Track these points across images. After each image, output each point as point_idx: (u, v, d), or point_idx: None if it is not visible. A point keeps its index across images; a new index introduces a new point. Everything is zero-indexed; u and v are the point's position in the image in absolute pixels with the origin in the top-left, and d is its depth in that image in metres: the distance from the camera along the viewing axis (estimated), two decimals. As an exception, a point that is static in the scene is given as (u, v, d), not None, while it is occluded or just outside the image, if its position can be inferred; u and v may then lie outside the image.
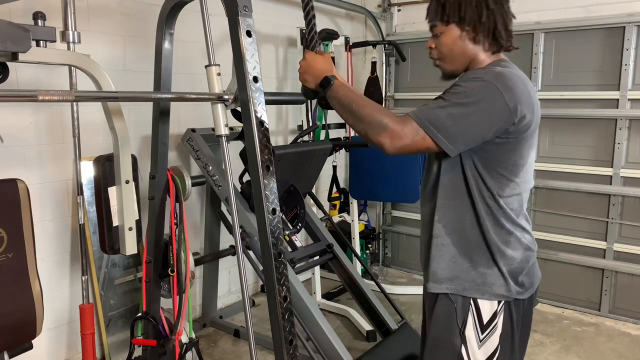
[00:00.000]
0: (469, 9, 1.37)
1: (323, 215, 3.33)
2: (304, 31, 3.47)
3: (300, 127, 3.81)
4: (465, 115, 1.28)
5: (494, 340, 1.42)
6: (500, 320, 1.42)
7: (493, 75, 1.31)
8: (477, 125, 1.29)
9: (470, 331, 1.41)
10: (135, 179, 2.03)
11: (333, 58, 3.64)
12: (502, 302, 1.42)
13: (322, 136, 3.67)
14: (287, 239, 2.73)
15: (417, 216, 4.02)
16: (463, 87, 1.31)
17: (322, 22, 3.97)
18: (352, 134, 3.88)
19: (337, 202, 4.05)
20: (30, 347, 1.88)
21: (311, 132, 3.45)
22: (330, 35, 3.53)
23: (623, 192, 3.28)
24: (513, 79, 1.32)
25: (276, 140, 3.83)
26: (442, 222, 1.45)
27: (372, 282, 3.18)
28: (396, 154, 1.32)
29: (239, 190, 2.73)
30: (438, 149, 1.30)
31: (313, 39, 1.59)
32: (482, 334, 1.41)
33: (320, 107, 3.53)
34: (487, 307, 1.41)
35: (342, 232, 3.30)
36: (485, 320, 1.41)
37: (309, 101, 3.57)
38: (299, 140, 3.17)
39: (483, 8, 1.37)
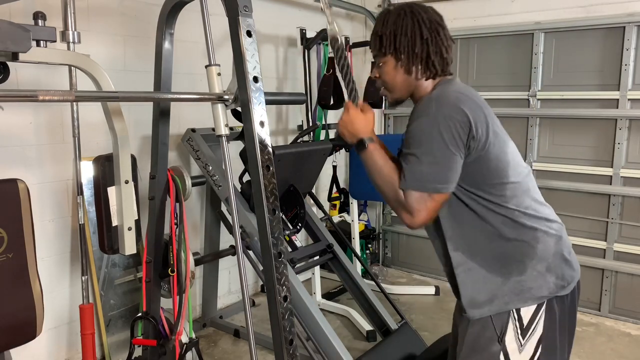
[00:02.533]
0: (403, 40, 1.42)
1: (323, 215, 3.33)
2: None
3: (300, 127, 3.81)
4: (441, 157, 1.31)
5: (533, 342, 1.40)
6: (541, 321, 1.39)
7: (434, 105, 1.33)
8: (455, 155, 1.33)
9: (511, 337, 1.39)
10: (135, 179, 2.03)
11: (333, 58, 3.65)
12: (544, 302, 1.40)
13: (322, 136, 3.67)
14: (287, 239, 2.73)
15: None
16: (418, 133, 1.34)
17: (322, 22, 3.97)
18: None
19: (337, 202, 4.05)
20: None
21: (311, 132, 3.45)
22: (330, 35, 3.52)
23: (623, 192, 3.28)
24: (453, 97, 1.35)
25: (276, 140, 3.83)
26: (460, 250, 1.44)
27: (372, 282, 3.18)
28: (421, 227, 1.38)
29: (239, 190, 2.73)
30: (448, 195, 1.36)
31: (352, 92, 1.65)
32: (523, 338, 1.39)
33: (320, 107, 3.54)
34: (529, 311, 1.39)
35: (342, 232, 3.29)
36: (526, 323, 1.39)
37: (309, 101, 3.58)
38: (299, 140, 3.17)
39: (417, 38, 1.42)
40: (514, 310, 1.39)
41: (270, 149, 1.44)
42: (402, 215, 1.37)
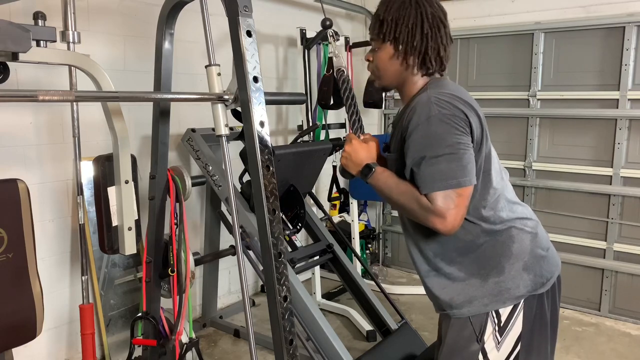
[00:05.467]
0: (403, 30, 1.40)
1: (323, 215, 3.33)
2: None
3: (300, 127, 3.81)
4: (455, 152, 1.28)
5: (512, 339, 1.40)
6: (519, 319, 1.40)
7: (435, 107, 1.31)
8: (468, 148, 1.31)
9: (489, 336, 1.40)
10: (135, 179, 2.03)
11: (332, 59, 3.64)
12: (521, 300, 1.40)
13: (322, 136, 3.67)
14: (287, 239, 2.73)
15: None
16: (426, 136, 1.30)
17: (322, 22, 3.98)
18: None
19: (337, 202, 4.05)
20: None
21: (311, 132, 3.45)
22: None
23: (623, 192, 3.28)
24: (450, 99, 1.33)
25: (276, 140, 3.83)
26: (438, 256, 1.45)
27: (372, 282, 3.17)
28: (457, 228, 1.30)
29: (239, 190, 2.73)
30: (472, 189, 1.32)
31: (355, 123, 1.65)
32: (500, 335, 1.40)
33: (320, 107, 3.54)
34: (507, 310, 1.40)
35: (342, 232, 3.29)
36: (503, 321, 1.40)
37: (309, 101, 3.57)
38: (299, 140, 3.17)
39: (417, 31, 1.39)
40: (493, 310, 1.40)
41: (270, 149, 1.44)
42: (434, 221, 1.28)
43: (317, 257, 2.98)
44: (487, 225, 1.39)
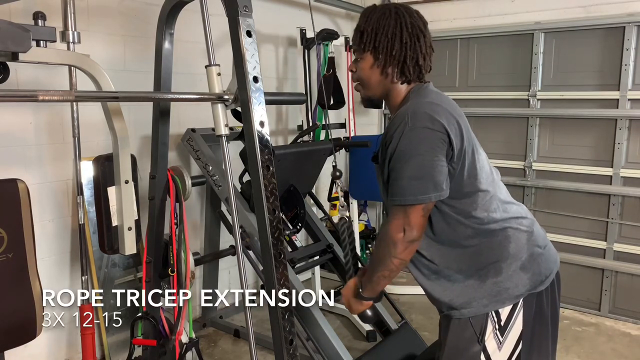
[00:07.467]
0: (383, 40, 1.43)
1: (323, 215, 3.33)
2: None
3: (300, 127, 3.81)
4: (420, 169, 1.31)
5: (513, 338, 1.41)
6: (519, 317, 1.40)
7: (409, 120, 1.33)
8: (436, 160, 1.32)
9: (490, 336, 1.40)
10: (135, 179, 2.03)
11: (333, 58, 3.64)
12: (520, 299, 1.40)
13: (322, 136, 3.67)
14: (287, 239, 2.73)
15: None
16: (397, 151, 1.33)
17: (322, 22, 3.97)
18: (352, 134, 3.88)
19: (337, 202, 4.04)
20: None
21: (311, 132, 3.45)
22: (330, 35, 3.52)
23: (623, 192, 3.28)
24: (426, 108, 1.35)
25: (276, 140, 3.83)
26: (435, 259, 1.45)
27: (372, 282, 3.17)
28: (417, 238, 1.35)
29: (239, 190, 2.73)
30: (433, 204, 1.35)
31: (348, 263, 1.69)
32: (502, 335, 1.40)
33: (320, 107, 3.54)
34: (507, 309, 1.40)
35: (342, 232, 3.29)
36: (504, 320, 1.40)
37: (309, 101, 3.57)
38: (299, 140, 3.17)
39: (396, 41, 1.42)
40: (492, 311, 1.40)
41: (270, 149, 1.45)
42: (397, 235, 1.35)
43: (317, 257, 2.98)
44: (481, 226, 1.40)
